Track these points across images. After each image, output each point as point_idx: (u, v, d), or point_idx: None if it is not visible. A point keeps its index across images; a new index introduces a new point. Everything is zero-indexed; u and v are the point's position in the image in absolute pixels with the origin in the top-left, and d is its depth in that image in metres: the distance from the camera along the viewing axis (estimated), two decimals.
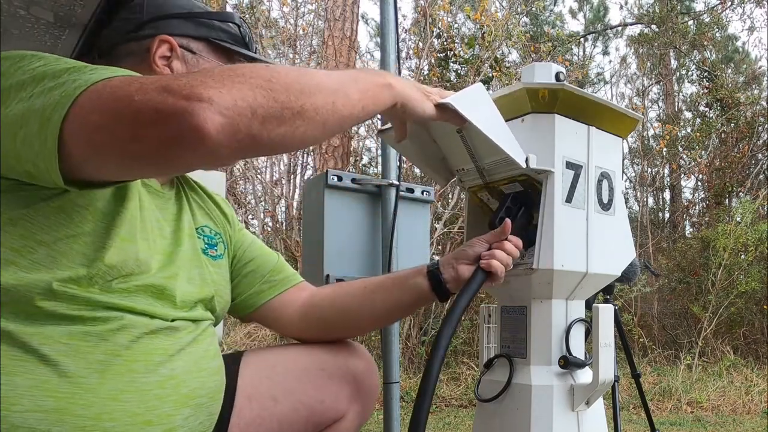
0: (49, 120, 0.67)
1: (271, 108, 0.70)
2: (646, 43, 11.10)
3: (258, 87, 0.69)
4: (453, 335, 1.03)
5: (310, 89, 0.74)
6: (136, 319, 0.83)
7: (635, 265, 2.28)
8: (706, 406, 5.42)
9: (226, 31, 1.05)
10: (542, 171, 1.10)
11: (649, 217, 10.80)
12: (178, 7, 1.02)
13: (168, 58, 0.98)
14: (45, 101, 0.68)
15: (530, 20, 11.39)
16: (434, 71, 6.77)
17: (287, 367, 1.12)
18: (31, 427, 0.71)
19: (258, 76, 0.70)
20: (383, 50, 2.01)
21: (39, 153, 0.68)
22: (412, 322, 6.18)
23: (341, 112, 0.78)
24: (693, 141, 9.85)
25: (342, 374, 1.14)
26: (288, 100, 0.71)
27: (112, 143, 0.67)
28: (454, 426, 4.53)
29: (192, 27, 1.01)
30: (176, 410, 0.84)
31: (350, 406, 1.15)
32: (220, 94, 0.66)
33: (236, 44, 1.05)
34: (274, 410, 1.07)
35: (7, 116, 0.70)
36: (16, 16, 1.21)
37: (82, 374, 0.76)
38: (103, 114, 0.66)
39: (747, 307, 7.75)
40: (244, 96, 0.68)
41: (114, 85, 0.68)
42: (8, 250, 0.74)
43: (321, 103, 0.75)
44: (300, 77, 0.74)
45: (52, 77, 0.71)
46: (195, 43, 1.01)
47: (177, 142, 0.66)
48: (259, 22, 7.28)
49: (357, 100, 0.81)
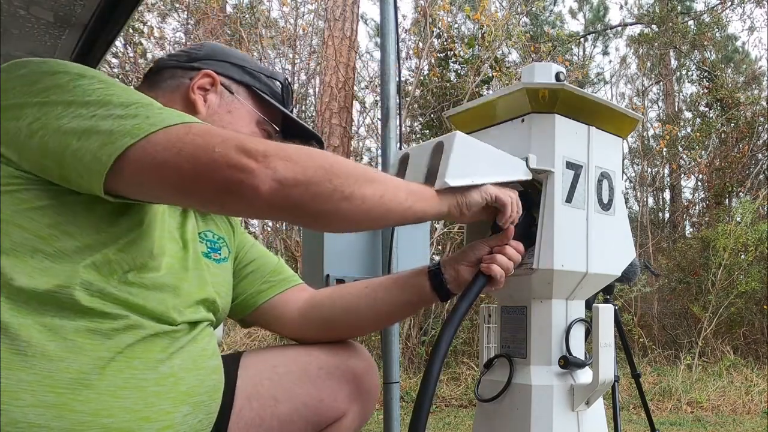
0: (114, 143, 0.73)
1: (325, 188, 0.80)
2: (646, 43, 11.10)
3: (319, 167, 0.79)
4: (453, 338, 1.04)
5: (363, 179, 0.84)
6: (142, 321, 0.84)
7: (635, 265, 2.27)
8: (706, 406, 5.42)
9: (267, 86, 1.13)
10: (542, 171, 1.10)
11: (649, 217, 10.80)
12: (234, 57, 1.12)
13: (206, 90, 1.05)
14: (113, 126, 0.74)
15: (530, 20, 11.39)
16: (434, 71, 6.77)
17: (287, 367, 1.12)
18: (31, 423, 0.72)
19: (322, 158, 0.81)
20: (383, 50, 2.00)
21: (88, 166, 0.74)
22: (412, 322, 6.18)
23: (387, 204, 0.87)
24: (693, 141, 9.85)
25: (341, 374, 1.15)
26: (341, 184, 0.81)
27: (175, 180, 0.75)
28: (454, 426, 4.53)
29: (239, 73, 1.10)
30: (175, 407, 0.85)
31: (350, 405, 1.15)
32: (285, 165, 0.76)
33: (273, 98, 1.13)
34: (275, 410, 1.08)
35: (62, 127, 0.75)
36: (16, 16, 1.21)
37: (83, 370, 0.77)
38: (179, 155, 0.73)
39: (747, 307, 7.75)
40: (305, 171, 0.78)
41: (197, 132, 0.75)
42: (35, 237, 0.77)
43: (369, 193, 0.85)
44: (358, 168, 0.85)
45: (120, 105, 0.76)
46: (236, 86, 1.09)
47: (234, 194, 0.75)
48: (259, 22, 7.28)
49: (404, 199, 0.90)
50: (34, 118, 0.76)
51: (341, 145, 6.18)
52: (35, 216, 0.77)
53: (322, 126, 6.22)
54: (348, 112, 6.40)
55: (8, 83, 0.79)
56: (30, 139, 0.75)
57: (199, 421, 0.91)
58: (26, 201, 0.77)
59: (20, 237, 0.76)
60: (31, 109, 0.76)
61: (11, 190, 0.76)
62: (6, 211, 0.75)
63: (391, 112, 1.97)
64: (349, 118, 6.49)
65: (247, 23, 7.28)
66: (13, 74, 0.80)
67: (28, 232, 0.76)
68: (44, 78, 0.78)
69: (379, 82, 2.03)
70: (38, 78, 0.79)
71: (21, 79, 0.79)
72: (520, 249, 1.09)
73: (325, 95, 6.27)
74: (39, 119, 0.76)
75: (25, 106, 0.77)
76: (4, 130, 0.76)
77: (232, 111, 1.08)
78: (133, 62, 6.54)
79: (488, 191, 1.02)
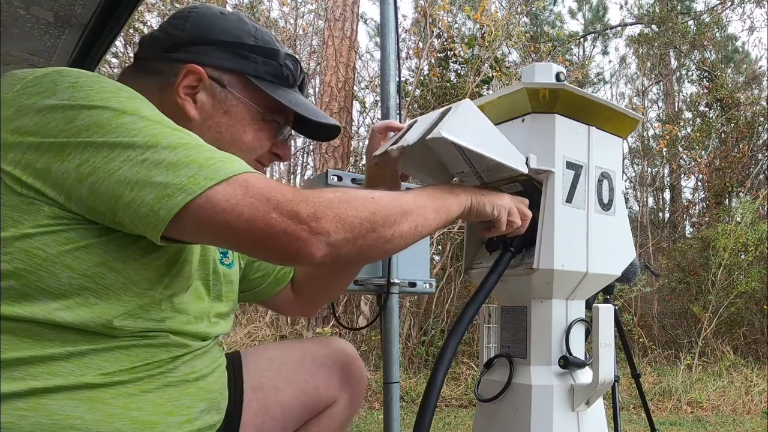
0: (171, 198, 0.73)
1: (370, 239, 0.84)
2: (646, 43, 11.10)
3: (364, 219, 0.83)
4: (457, 348, 1.06)
5: (400, 217, 0.88)
6: (175, 339, 0.89)
7: (635, 265, 2.28)
8: (706, 406, 5.42)
9: (268, 67, 0.99)
10: (542, 171, 1.10)
11: (649, 217, 10.80)
12: (222, 32, 0.96)
13: (194, 89, 0.93)
14: (168, 178, 0.74)
15: (530, 20, 11.39)
16: (434, 71, 6.77)
17: (284, 358, 1.21)
18: (67, 414, 0.76)
19: (364, 206, 0.83)
20: (383, 50, 2.00)
21: (145, 219, 0.74)
22: (412, 322, 6.19)
23: (421, 232, 0.93)
24: (693, 141, 9.85)
25: (332, 363, 1.25)
26: (383, 231, 0.85)
27: (233, 240, 0.78)
28: (454, 426, 4.53)
29: (230, 58, 0.96)
30: (193, 403, 0.91)
31: (340, 393, 1.25)
32: (335, 229, 0.79)
33: (277, 82, 1.00)
34: (277, 398, 1.16)
35: (113, 175, 0.74)
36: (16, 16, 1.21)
37: (114, 371, 0.81)
38: (237, 219, 0.75)
39: (747, 307, 7.75)
40: (353, 228, 0.81)
41: (253, 193, 0.76)
42: (81, 276, 0.78)
43: (407, 228, 0.90)
44: (394, 208, 0.88)
45: (168, 148, 0.75)
46: (228, 77, 0.96)
47: (289, 258, 0.80)
48: (259, 22, 7.28)
49: (433, 219, 0.95)
50: (81, 161, 0.74)
51: (341, 145, 6.18)
52: (82, 255, 0.77)
53: None
54: (348, 112, 6.40)
55: (41, 116, 0.75)
56: (80, 184, 0.74)
57: (212, 416, 0.96)
58: (72, 240, 0.77)
59: (67, 277, 0.77)
60: (74, 150, 0.74)
61: (57, 230, 0.76)
62: (51, 251, 0.76)
63: (391, 112, 1.97)
64: (349, 118, 6.49)
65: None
66: (42, 102, 0.75)
67: (75, 271, 0.77)
68: (81, 114, 0.75)
69: (379, 82, 2.03)
70: (75, 114, 0.75)
71: (54, 112, 0.75)
72: None
73: (325, 95, 6.27)
74: (87, 162, 0.74)
75: (66, 147, 0.74)
76: (47, 171, 0.74)
77: (229, 111, 0.96)
78: None
79: (500, 208, 1.04)
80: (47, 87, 0.76)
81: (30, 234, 0.75)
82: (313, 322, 6.02)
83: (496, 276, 1.09)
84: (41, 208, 0.75)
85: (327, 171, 1.80)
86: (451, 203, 0.99)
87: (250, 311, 6.17)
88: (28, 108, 0.75)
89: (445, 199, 0.98)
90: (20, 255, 0.74)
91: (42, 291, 0.76)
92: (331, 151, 6.12)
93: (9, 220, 0.74)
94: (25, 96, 0.76)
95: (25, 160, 0.74)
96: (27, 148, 0.74)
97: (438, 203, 0.96)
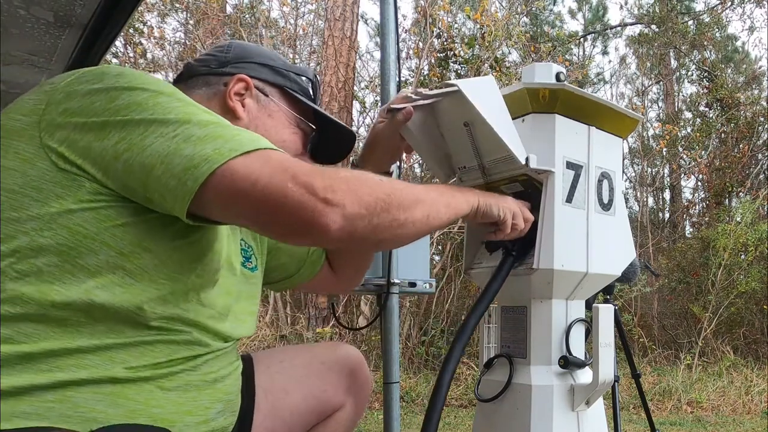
0: (196, 168, 0.77)
1: (384, 219, 0.86)
2: (646, 43, 11.10)
3: (379, 199, 0.85)
4: (462, 354, 1.08)
5: (414, 203, 0.91)
6: (199, 337, 0.91)
7: (635, 265, 2.27)
8: (706, 406, 5.42)
9: (298, 83, 1.15)
10: (542, 171, 1.10)
11: (649, 217, 10.80)
12: (262, 56, 1.12)
13: (242, 96, 1.07)
14: (195, 150, 0.78)
15: (530, 20, 11.39)
16: (434, 71, 6.77)
17: (293, 362, 1.24)
18: (92, 408, 0.78)
19: (379, 188, 0.87)
20: (383, 50, 2.00)
21: (173, 192, 0.78)
22: (412, 322, 6.19)
23: (432, 223, 0.95)
24: (693, 141, 9.85)
25: (340, 368, 1.27)
26: (398, 214, 0.88)
27: (251, 212, 0.80)
28: (454, 426, 4.54)
29: (270, 74, 1.11)
30: (212, 404, 0.93)
31: (347, 398, 1.27)
32: (351, 202, 0.82)
33: (304, 96, 1.15)
34: (286, 401, 1.18)
35: (146, 149, 0.78)
36: (16, 16, 1.21)
37: (137, 367, 0.83)
38: (254, 187, 0.77)
39: (747, 307, 7.75)
40: (368, 205, 0.84)
41: (273, 164, 0.79)
42: (118, 255, 0.81)
43: (419, 216, 0.92)
44: (408, 194, 0.91)
45: (199, 124, 0.80)
46: (269, 88, 1.11)
47: (305, 230, 0.81)
48: (259, 22, 7.28)
49: (444, 213, 0.97)
50: (119, 138, 0.78)
51: None
52: (119, 233, 0.81)
53: None
54: (348, 112, 6.40)
55: (87, 98, 0.80)
56: (116, 161, 0.78)
57: (226, 418, 0.98)
58: (110, 218, 0.80)
59: (105, 255, 0.80)
60: (113, 129, 0.79)
61: (96, 207, 0.79)
62: (91, 228, 0.79)
63: None
64: (349, 118, 6.49)
65: (247, 23, 7.28)
66: (89, 87, 0.81)
67: (112, 249, 0.80)
68: (123, 94, 0.81)
69: (379, 82, 2.03)
70: (117, 95, 0.81)
71: (99, 94, 0.81)
72: None
73: (325, 95, 6.27)
74: (124, 139, 0.78)
75: (106, 125, 0.79)
76: (88, 148, 0.79)
77: (272, 114, 1.10)
78: (133, 62, 6.54)
79: (506, 210, 1.07)
80: (96, 75, 0.83)
81: (72, 210, 0.78)
82: (313, 323, 6.02)
83: (499, 282, 1.09)
84: (83, 184, 0.79)
85: None
86: (460, 201, 1.01)
87: None
88: (76, 93, 0.81)
89: (454, 196, 1.01)
90: (63, 231, 0.78)
91: (81, 268, 0.78)
92: None
93: (53, 195, 0.78)
94: (76, 83, 0.82)
95: (70, 138, 0.79)
96: (73, 128, 0.79)
97: (449, 199, 0.99)
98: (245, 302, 1.09)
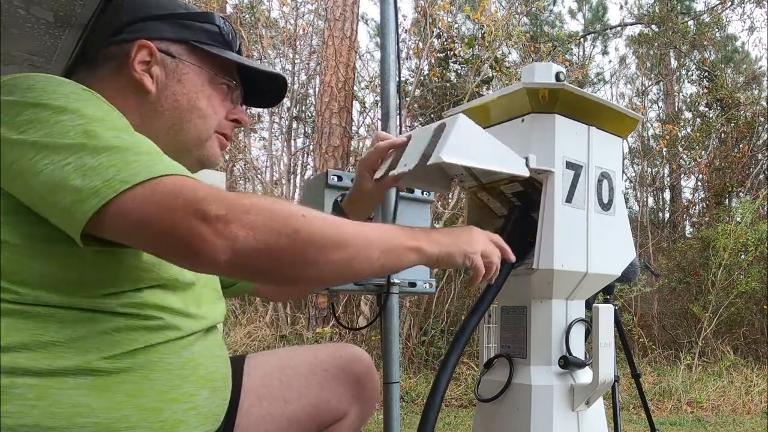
0: (84, 202, 0.73)
1: (287, 256, 0.77)
2: (646, 44, 11.10)
3: (281, 235, 0.76)
4: (460, 355, 1.07)
5: (332, 245, 0.80)
6: (172, 321, 0.89)
7: (635, 265, 2.27)
8: (706, 406, 5.42)
9: (206, 32, 1.02)
10: (542, 171, 1.10)
11: (649, 217, 10.80)
12: (157, 7, 1.00)
13: (147, 63, 0.96)
14: (84, 182, 0.74)
15: (530, 20, 11.39)
16: (434, 71, 6.77)
17: (295, 369, 1.19)
18: (75, 403, 0.78)
19: (289, 225, 0.77)
20: (383, 50, 2.00)
21: (64, 222, 0.75)
22: (412, 322, 6.18)
23: (356, 268, 0.85)
24: (693, 141, 9.84)
25: (345, 376, 1.22)
26: (305, 254, 0.78)
27: (144, 242, 0.77)
28: (454, 426, 4.54)
29: (171, 29, 0.99)
30: (197, 390, 0.91)
31: (351, 406, 1.22)
32: (245, 234, 0.74)
33: (217, 45, 1.02)
34: (285, 410, 1.15)
35: (35, 178, 0.75)
36: (16, 16, 1.21)
37: (117, 356, 0.82)
38: (143, 221, 0.74)
39: (747, 307, 7.75)
40: (266, 240, 0.75)
41: (162, 192, 0.74)
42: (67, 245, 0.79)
43: (337, 259, 0.81)
44: (326, 231, 0.80)
45: (93, 152, 0.75)
46: (175, 47, 0.99)
47: (196, 261, 0.76)
48: (259, 22, 7.28)
49: (376, 259, 0.86)
50: (13, 159, 0.76)
51: (341, 145, 6.18)
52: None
53: (322, 126, 6.22)
54: (348, 112, 6.40)
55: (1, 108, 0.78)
56: (12, 182, 0.77)
57: (217, 405, 0.97)
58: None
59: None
60: (11, 147, 0.76)
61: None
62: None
63: (391, 112, 1.97)
64: (349, 118, 6.49)
65: (247, 23, 7.28)
66: (2, 98, 0.79)
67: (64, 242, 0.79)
68: (27, 111, 0.78)
69: (379, 82, 2.03)
70: (22, 110, 0.78)
71: (7, 107, 0.78)
72: None
73: (325, 95, 6.27)
74: (18, 161, 0.76)
75: (7, 143, 0.77)
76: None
77: (181, 79, 0.98)
78: None
79: (472, 258, 0.98)
80: (8, 88, 0.80)
81: None
82: (313, 323, 6.02)
83: (499, 283, 1.09)
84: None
85: (327, 171, 1.80)
86: (408, 251, 0.90)
87: (250, 311, 6.17)
88: None
89: (402, 243, 0.90)
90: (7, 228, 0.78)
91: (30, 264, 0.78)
92: (331, 151, 6.12)
93: None
94: None
95: None
96: None
97: (391, 245, 0.88)
98: (210, 286, 1.06)
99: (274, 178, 7.83)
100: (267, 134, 8.12)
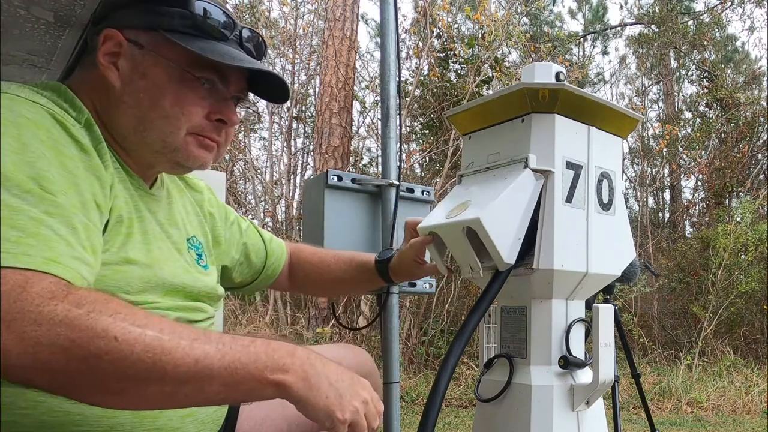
0: None
1: (81, 381, 0.65)
2: (646, 44, 11.10)
3: (78, 358, 0.63)
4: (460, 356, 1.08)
5: (145, 377, 0.66)
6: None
7: (635, 265, 2.27)
8: (706, 406, 5.42)
9: (185, 18, 0.87)
10: (542, 171, 1.10)
11: (649, 217, 10.80)
12: None
13: (115, 55, 0.86)
14: None
15: (530, 20, 11.39)
16: (434, 71, 6.77)
17: None
18: (68, 411, 0.75)
19: (89, 348, 0.63)
20: (383, 50, 2.00)
21: None
22: (412, 322, 6.18)
23: (183, 402, 0.71)
24: (693, 141, 9.84)
25: None
26: (105, 382, 0.65)
27: None
28: (454, 426, 4.54)
29: (142, 16, 0.87)
30: None
31: None
32: (18, 353, 0.61)
33: (198, 34, 0.88)
34: (284, 412, 1.13)
35: None
36: (16, 16, 1.20)
37: None
38: None
39: (747, 307, 7.75)
40: (48, 360, 0.62)
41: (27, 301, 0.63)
42: None
43: (152, 392, 0.68)
44: (139, 361, 0.65)
45: None
46: (145, 36, 0.87)
47: None
48: (259, 22, 7.28)
49: (214, 393, 0.70)
50: None
51: (341, 145, 6.18)
52: None
53: (322, 126, 6.22)
54: (348, 112, 6.40)
55: None
56: None
57: (215, 411, 0.96)
58: None
59: None
60: None
61: None
62: None
63: (391, 112, 1.97)
64: (349, 118, 6.49)
65: (247, 23, 7.27)
66: None
67: None
68: None
69: (379, 82, 2.03)
70: None
71: None
72: None
73: (325, 95, 6.27)
74: None
75: None
76: None
77: (146, 73, 0.86)
78: None
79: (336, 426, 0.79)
80: None
81: None
82: (313, 323, 6.02)
83: (499, 283, 1.09)
84: None
85: (327, 171, 1.80)
86: (265, 386, 0.73)
87: (250, 311, 6.17)
88: None
89: (261, 374, 0.72)
90: None
91: None
92: (331, 151, 6.12)
93: None
94: None
95: None
96: None
97: (243, 375, 0.71)
98: (206, 270, 1.04)
99: (274, 178, 7.84)
100: (267, 134, 8.13)
